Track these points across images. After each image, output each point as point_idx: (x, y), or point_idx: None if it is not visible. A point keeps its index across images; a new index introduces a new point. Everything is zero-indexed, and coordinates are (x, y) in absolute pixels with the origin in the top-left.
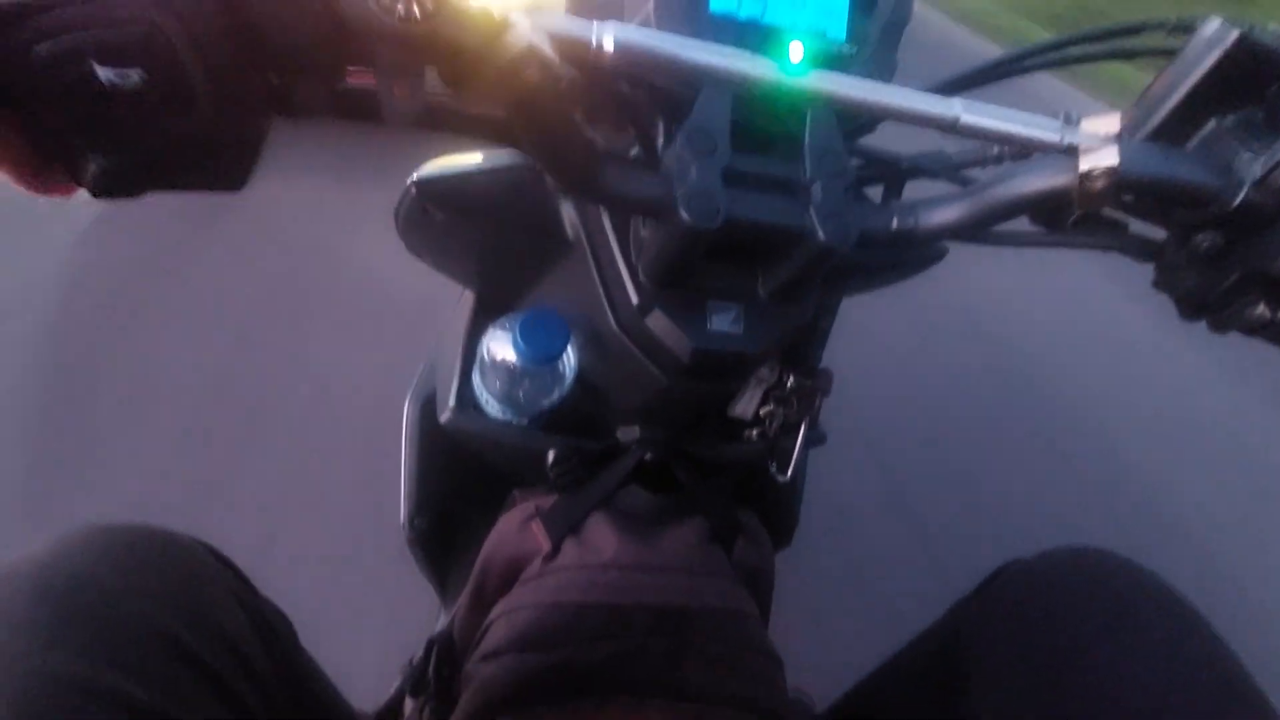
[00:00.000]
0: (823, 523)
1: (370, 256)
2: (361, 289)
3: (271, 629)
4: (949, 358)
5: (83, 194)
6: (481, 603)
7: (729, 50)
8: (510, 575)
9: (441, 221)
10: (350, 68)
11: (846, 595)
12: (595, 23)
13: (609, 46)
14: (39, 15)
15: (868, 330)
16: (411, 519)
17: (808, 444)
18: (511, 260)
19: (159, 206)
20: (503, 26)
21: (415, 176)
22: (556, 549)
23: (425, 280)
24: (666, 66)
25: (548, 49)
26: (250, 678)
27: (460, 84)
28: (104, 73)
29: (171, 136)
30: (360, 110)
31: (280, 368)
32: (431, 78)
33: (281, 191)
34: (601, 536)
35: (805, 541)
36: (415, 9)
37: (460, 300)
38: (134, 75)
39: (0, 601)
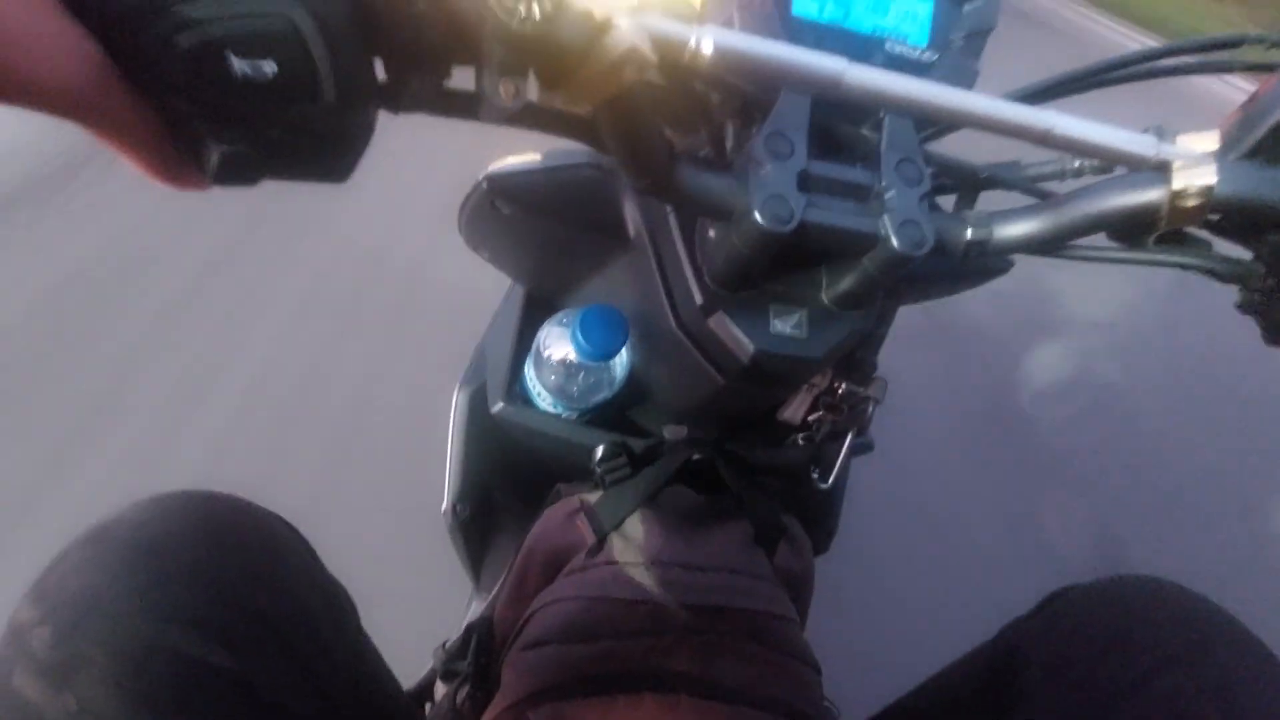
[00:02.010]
0: (864, 532)
1: (418, 246)
2: (408, 278)
3: (337, 605)
4: (1006, 371)
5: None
6: (523, 592)
7: (820, 55)
8: (553, 567)
9: (507, 216)
10: (455, 69)
11: (887, 608)
12: (694, 25)
13: (707, 50)
14: (182, 5)
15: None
16: (455, 505)
17: (853, 452)
18: (568, 257)
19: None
20: (605, 28)
21: (487, 172)
22: (601, 543)
23: (472, 270)
24: (758, 70)
25: (647, 51)
26: (322, 652)
27: (559, 84)
28: (239, 64)
29: (292, 127)
30: (459, 108)
31: (323, 356)
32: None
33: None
34: (646, 533)
35: (846, 549)
36: (535, 9)
37: (509, 292)
38: (267, 67)
39: (99, 559)
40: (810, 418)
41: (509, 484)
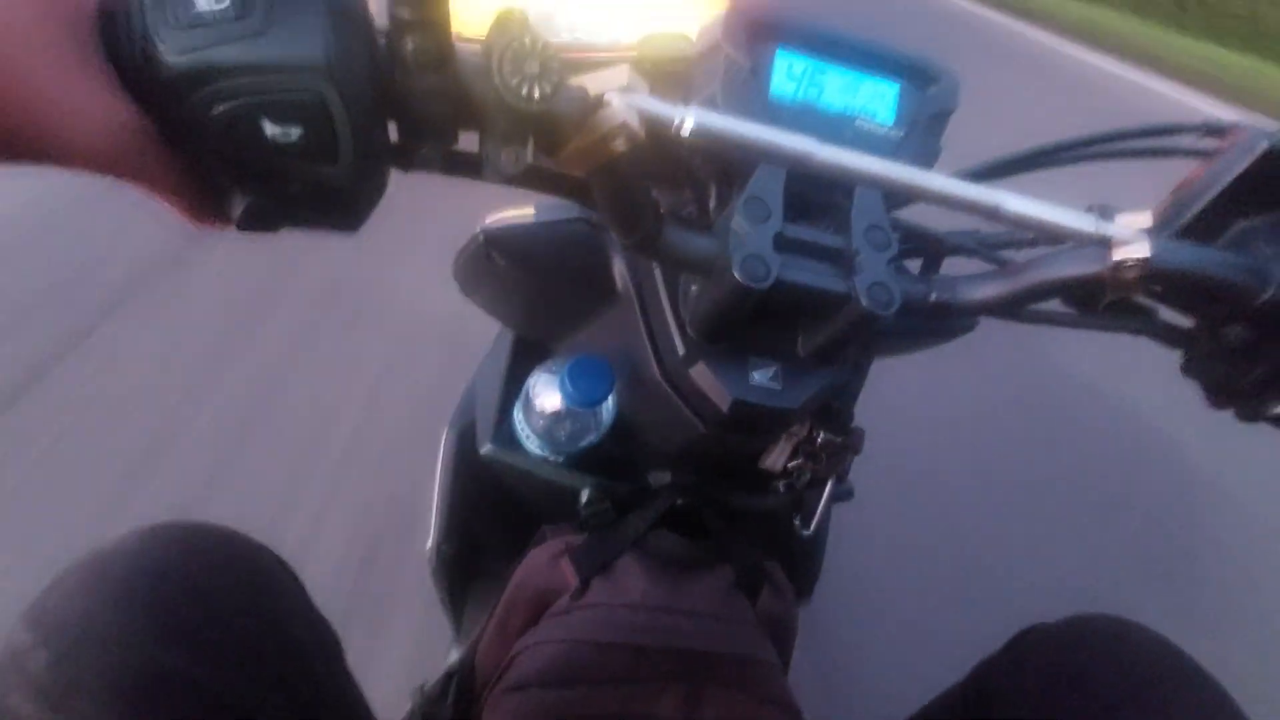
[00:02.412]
0: (847, 575)
1: (411, 285)
2: (398, 315)
3: (325, 641)
4: (973, 414)
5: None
6: (506, 634)
7: (791, 135)
8: (537, 609)
9: (501, 267)
10: (462, 132)
11: (866, 650)
12: (679, 106)
13: (689, 127)
14: (222, 79)
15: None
16: (439, 545)
17: (833, 499)
18: (558, 306)
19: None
20: (598, 104)
21: (483, 226)
22: (585, 586)
23: (463, 310)
24: (735, 146)
25: (636, 124)
26: (313, 685)
27: (555, 152)
28: (270, 129)
29: (312, 184)
30: (464, 168)
31: (314, 391)
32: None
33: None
34: (630, 577)
35: (828, 594)
36: (535, 91)
37: (499, 334)
38: (294, 132)
39: (98, 585)
40: (790, 465)
41: (494, 525)
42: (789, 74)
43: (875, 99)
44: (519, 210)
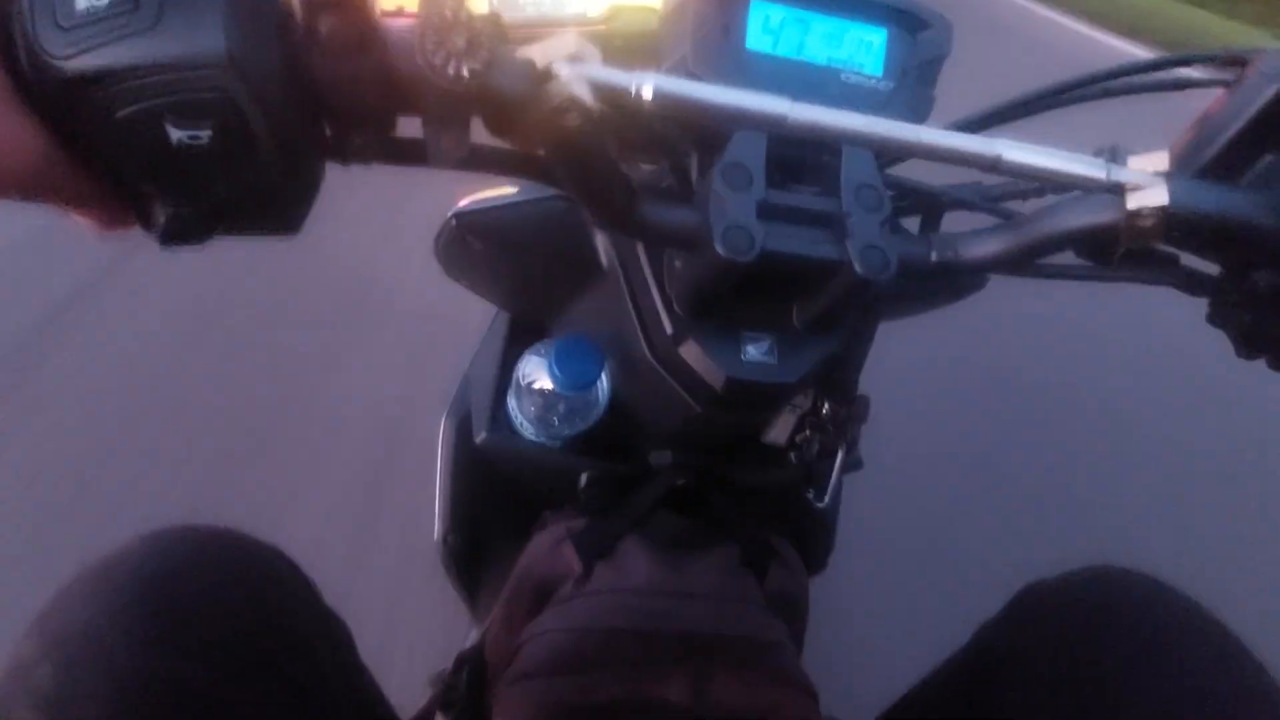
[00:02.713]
0: (854, 546)
1: (404, 273)
2: (395, 304)
3: (335, 636)
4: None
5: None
6: (512, 622)
7: (763, 97)
8: (542, 596)
9: (480, 250)
10: (400, 117)
11: (880, 620)
12: (634, 73)
13: (647, 94)
14: (122, 81)
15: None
16: (445, 536)
17: (844, 470)
18: (545, 286)
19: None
20: (545, 77)
21: (455, 209)
22: (588, 572)
23: (458, 297)
24: (701, 112)
25: (588, 97)
26: (318, 683)
27: (504, 131)
28: (176, 133)
29: (235, 187)
30: (408, 156)
31: (312, 381)
32: (476, 122)
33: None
34: (633, 561)
35: (837, 567)
36: (464, 70)
37: (494, 319)
38: (204, 135)
39: (101, 595)
40: (797, 438)
41: (498, 513)
42: (765, 26)
43: (861, 48)
44: (498, 190)
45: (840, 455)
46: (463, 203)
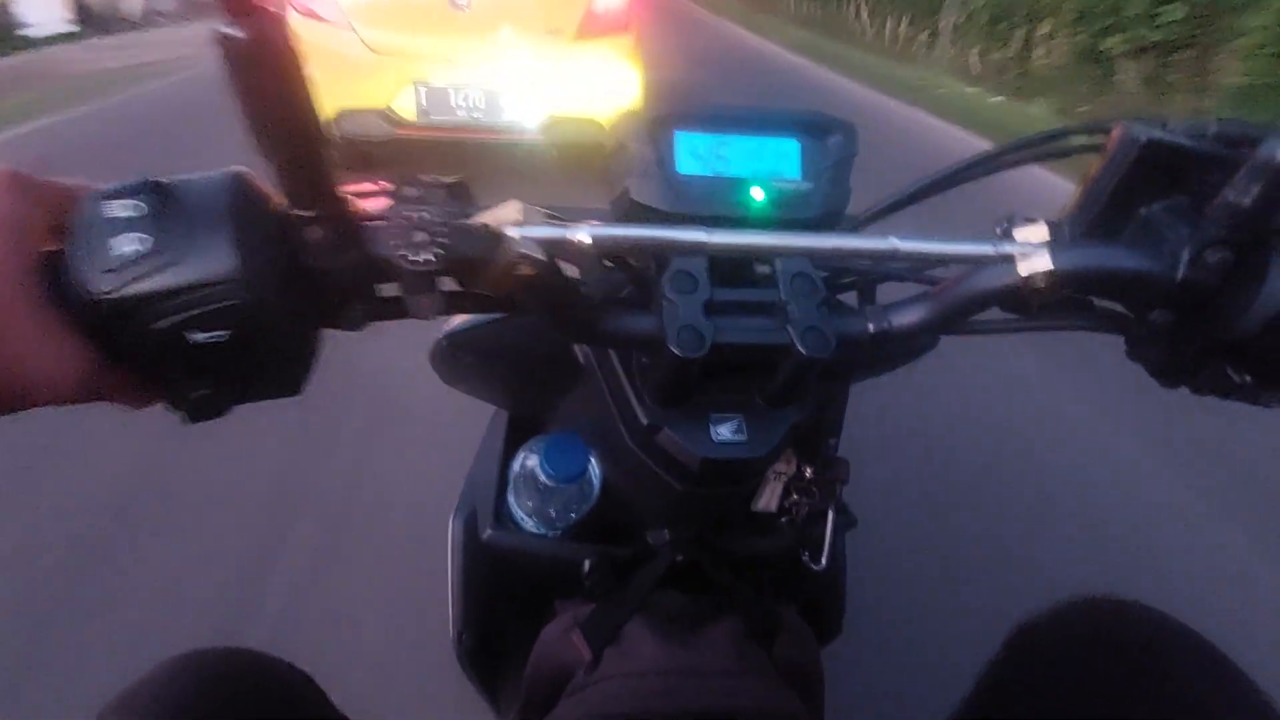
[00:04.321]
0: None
1: (409, 378)
2: (403, 407)
3: None
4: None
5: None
6: (531, 716)
7: (683, 229)
8: (557, 687)
9: (471, 362)
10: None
11: (893, 678)
12: (573, 226)
13: (586, 240)
14: (156, 304)
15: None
16: (460, 635)
17: (838, 530)
18: (536, 386)
19: None
20: (498, 239)
21: (446, 330)
22: (597, 659)
23: (461, 400)
24: (633, 248)
25: (536, 251)
26: None
27: (470, 284)
28: (200, 336)
29: (248, 368)
30: (392, 313)
31: (322, 490)
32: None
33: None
34: (640, 643)
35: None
36: (428, 256)
37: (493, 418)
38: (222, 335)
39: None
40: (786, 503)
41: (511, 607)
42: (692, 152)
43: (779, 158)
44: None
45: (830, 516)
46: (451, 323)
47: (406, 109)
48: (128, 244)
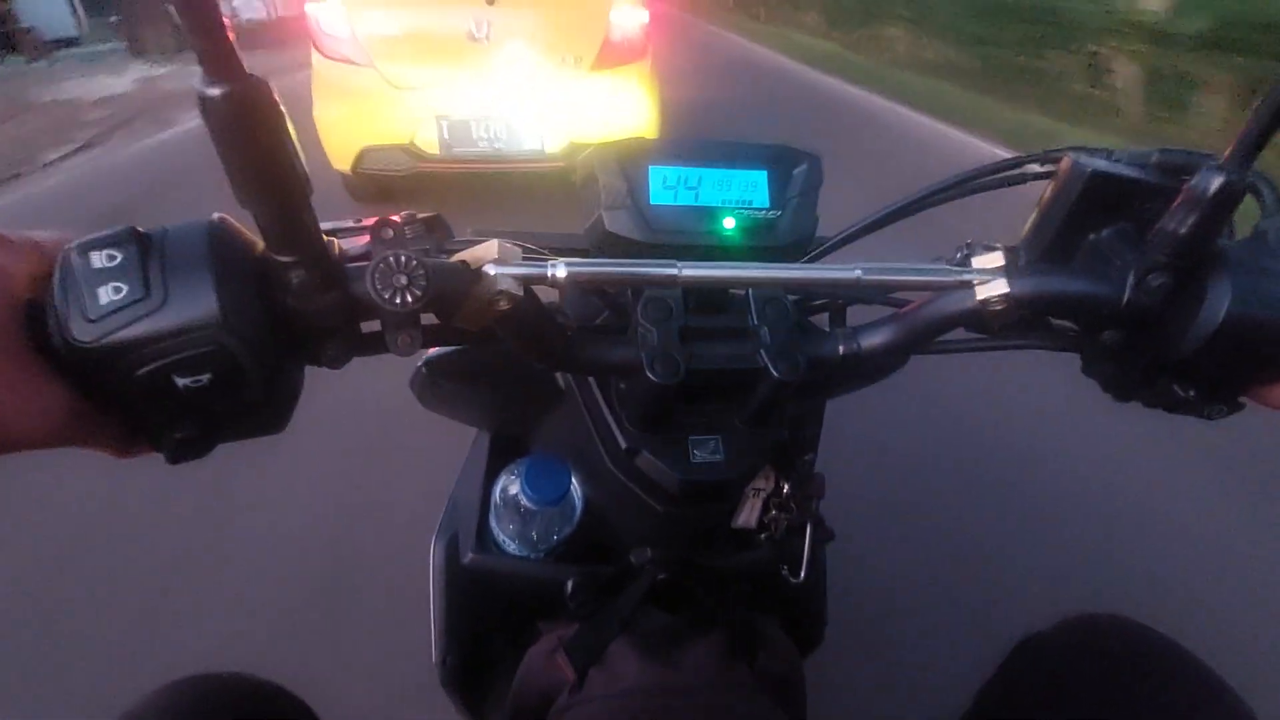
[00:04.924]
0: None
1: (389, 402)
2: (382, 431)
3: None
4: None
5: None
6: None
7: (654, 264)
8: (541, 708)
9: (450, 388)
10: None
11: (884, 693)
12: (548, 262)
13: (561, 275)
14: (139, 350)
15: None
16: (444, 658)
17: (816, 543)
18: (517, 409)
19: None
20: (477, 277)
21: (425, 357)
22: (582, 679)
23: (442, 424)
24: (607, 281)
25: (513, 286)
26: None
27: (450, 319)
28: (182, 380)
29: (231, 409)
30: (374, 348)
31: (306, 513)
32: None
33: None
34: (623, 663)
35: (832, 643)
36: (409, 297)
37: (475, 440)
38: (205, 378)
39: None
40: (765, 519)
41: (494, 629)
42: (664, 184)
43: (748, 188)
44: None
45: (809, 530)
46: (431, 350)
47: (429, 142)
48: (110, 293)
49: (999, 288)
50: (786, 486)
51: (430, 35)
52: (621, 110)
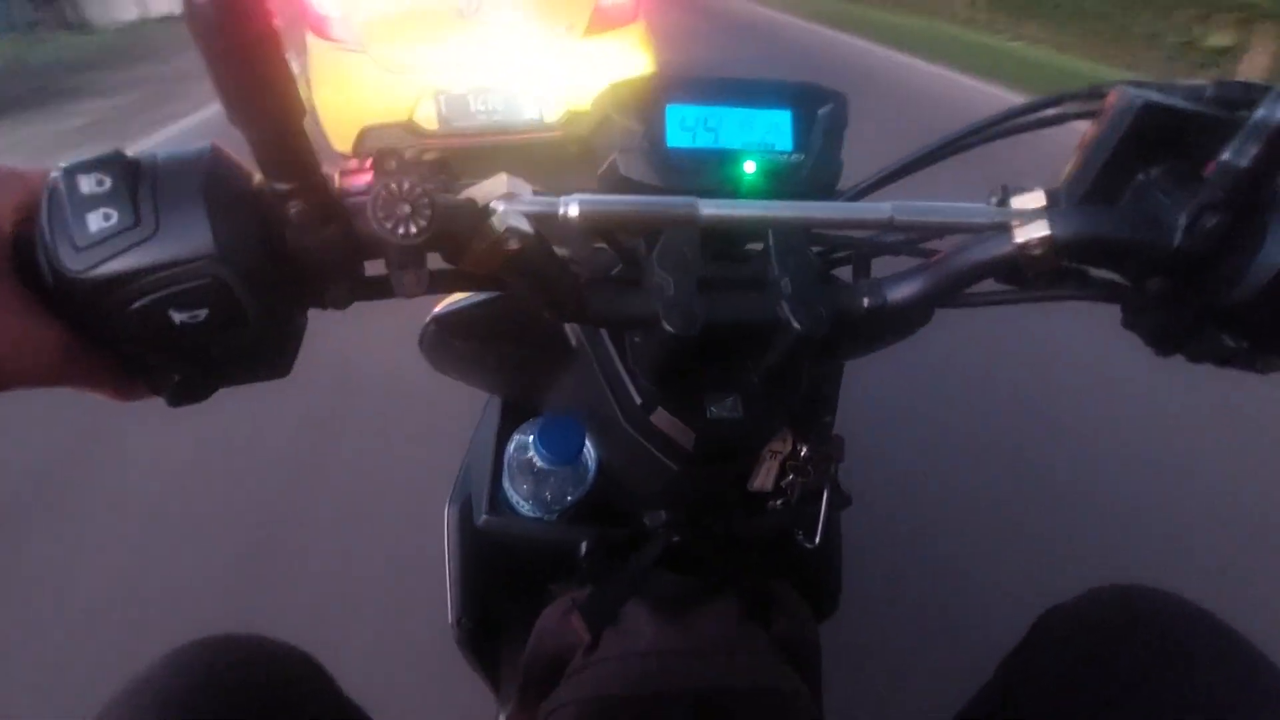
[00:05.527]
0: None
1: (402, 365)
2: (398, 395)
3: None
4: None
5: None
6: (530, 700)
7: (673, 200)
8: (555, 669)
9: (461, 346)
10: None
11: (903, 660)
12: (561, 197)
13: (574, 213)
14: (132, 282)
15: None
16: (459, 620)
17: (832, 508)
18: (528, 369)
19: None
20: (485, 214)
21: (434, 313)
22: (596, 640)
23: (454, 387)
24: (622, 221)
25: (523, 224)
26: None
27: (457, 260)
28: (179, 316)
29: (231, 349)
30: (378, 291)
31: (319, 477)
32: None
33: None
34: (638, 623)
35: (853, 609)
36: (413, 228)
37: (487, 405)
38: (202, 314)
39: (136, 715)
40: (782, 483)
41: (509, 591)
42: (682, 125)
43: (771, 129)
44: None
45: (825, 495)
46: (440, 306)
47: (428, 119)
48: (100, 220)
49: (1040, 229)
50: (804, 449)
51: (421, 12)
52: (618, 75)
